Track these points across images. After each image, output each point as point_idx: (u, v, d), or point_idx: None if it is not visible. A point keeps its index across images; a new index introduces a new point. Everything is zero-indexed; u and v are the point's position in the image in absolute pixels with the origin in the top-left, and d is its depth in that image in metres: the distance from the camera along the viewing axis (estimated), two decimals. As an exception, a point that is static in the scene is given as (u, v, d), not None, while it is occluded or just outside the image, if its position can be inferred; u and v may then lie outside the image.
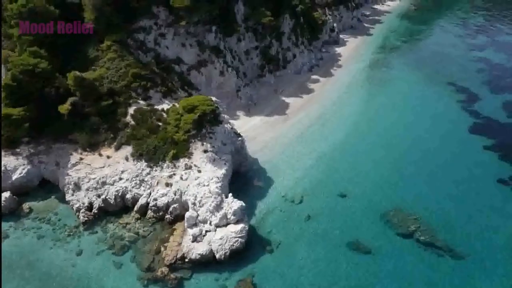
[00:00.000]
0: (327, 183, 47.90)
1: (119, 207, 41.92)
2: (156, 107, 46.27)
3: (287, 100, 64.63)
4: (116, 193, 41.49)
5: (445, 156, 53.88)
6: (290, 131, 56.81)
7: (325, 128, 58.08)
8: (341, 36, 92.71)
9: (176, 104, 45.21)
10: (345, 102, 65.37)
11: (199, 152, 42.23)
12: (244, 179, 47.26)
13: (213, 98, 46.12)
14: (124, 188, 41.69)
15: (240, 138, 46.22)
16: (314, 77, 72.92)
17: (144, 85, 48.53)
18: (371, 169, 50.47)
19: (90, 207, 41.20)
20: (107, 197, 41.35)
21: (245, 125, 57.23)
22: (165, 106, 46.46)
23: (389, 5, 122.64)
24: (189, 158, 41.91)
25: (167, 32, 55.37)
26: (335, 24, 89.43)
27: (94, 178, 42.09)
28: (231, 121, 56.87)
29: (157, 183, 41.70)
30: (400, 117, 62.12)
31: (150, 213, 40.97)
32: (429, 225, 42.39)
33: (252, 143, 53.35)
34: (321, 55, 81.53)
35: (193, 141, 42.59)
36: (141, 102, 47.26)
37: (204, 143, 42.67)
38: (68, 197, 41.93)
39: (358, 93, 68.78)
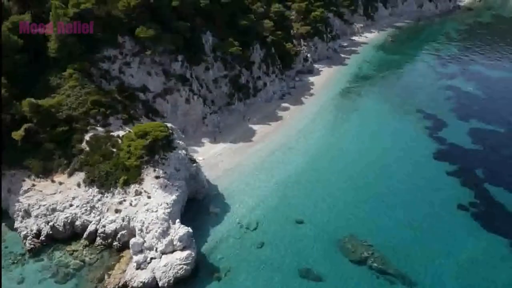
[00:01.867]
0: (284, 210, 47.76)
1: (68, 234, 41.46)
2: (112, 133, 46.61)
3: (254, 127, 65.35)
4: (66, 220, 41.12)
5: (407, 182, 54.08)
6: (253, 158, 57.11)
7: (288, 155, 58.46)
8: (316, 65, 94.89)
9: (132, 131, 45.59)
10: (312, 129, 66.11)
11: (150, 178, 42.22)
12: (200, 206, 47.08)
13: (169, 125, 46.67)
14: (73, 215, 41.37)
15: (195, 165, 46.38)
16: (284, 105, 74.08)
17: (104, 112, 49.09)
18: (331, 195, 50.47)
19: (38, 234, 40.73)
20: (55, 224, 40.92)
21: (209, 151, 57.64)
22: (122, 132, 46.81)
23: (366, 37, 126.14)
24: (140, 184, 41.85)
25: (132, 61, 56.62)
26: (308, 55, 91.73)
27: (44, 205, 41.79)
28: (195, 147, 57.84)
29: (107, 209, 41.43)
30: (364, 144, 62.70)
31: (98, 240, 40.49)
32: (383, 252, 42.05)
33: (214, 170, 53.62)
34: (294, 83, 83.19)
35: (145, 167, 42.66)
36: (99, 129, 47.65)
37: (156, 169, 42.75)
38: (16, 224, 41.52)
39: (325, 120, 69.72)
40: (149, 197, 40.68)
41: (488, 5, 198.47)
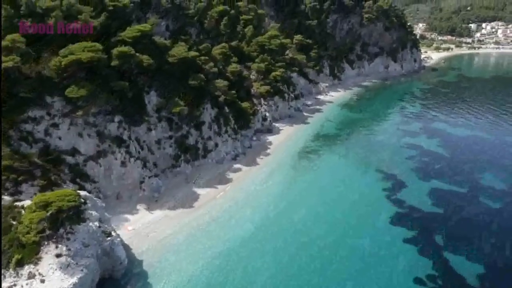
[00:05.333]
0: (216, 289, 41.60)
1: None
2: (18, 203, 41.08)
3: (199, 191, 60.52)
4: None
5: (360, 252, 48.91)
6: (191, 226, 51.61)
7: (231, 223, 53.15)
8: (277, 124, 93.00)
9: (40, 200, 40.19)
10: (261, 193, 61.56)
11: (50, 257, 36.21)
12: (115, 287, 40.60)
13: (82, 193, 41.65)
14: (-49, 305, 34.45)
15: (109, 238, 40.62)
16: (236, 166, 70.07)
17: (15, 179, 44.03)
18: (272, 269, 44.79)
19: None
20: None
21: (142, 219, 52.06)
22: (29, 202, 41.32)
23: (332, 96, 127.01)
24: (36, 264, 35.70)
25: (62, 122, 52.66)
26: (267, 114, 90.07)
27: None
28: (127, 215, 52.45)
29: (-7, 297, 34.75)
30: (317, 209, 58.04)
31: (-23, 337, 33.32)
32: None
33: (143, 242, 47.81)
34: (250, 143, 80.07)
35: (45, 243, 36.81)
36: (6, 198, 42.14)
37: (59, 246, 36.89)
38: None
39: (278, 182, 65.44)
40: (42, 281, 34.40)
41: (452, 66, 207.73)
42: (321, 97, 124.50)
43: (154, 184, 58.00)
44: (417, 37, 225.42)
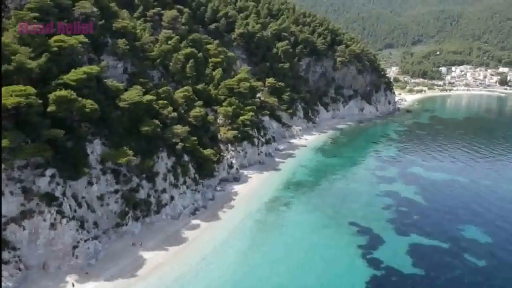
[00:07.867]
0: None
1: None
2: None
3: (146, 255, 52.09)
4: None
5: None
6: (129, 303, 42.92)
7: (178, 296, 44.77)
8: (245, 172, 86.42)
9: None
10: (220, 255, 53.50)
11: None
12: None
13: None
14: None
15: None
16: (194, 222, 62.22)
17: None
18: None
19: None
20: None
21: (69, 296, 43.06)
22: None
23: (306, 139, 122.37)
24: None
25: (-22, 179, 44.70)
26: (233, 161, 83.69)
27: None
28: (52, 291, 43.12)
29: None
30: (281, 277, 50.13)
31: None
32: None
33: (63, 328, 38.65)
34: (213, 194, 72.70)
35: None
36: None
37: None
38: None
39: (240, 242, 57.62)
40: None
41: (426, 107, 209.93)
42: (294, 141, 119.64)
43: (90, 249, 49.35)
44: (391, 80, 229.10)
